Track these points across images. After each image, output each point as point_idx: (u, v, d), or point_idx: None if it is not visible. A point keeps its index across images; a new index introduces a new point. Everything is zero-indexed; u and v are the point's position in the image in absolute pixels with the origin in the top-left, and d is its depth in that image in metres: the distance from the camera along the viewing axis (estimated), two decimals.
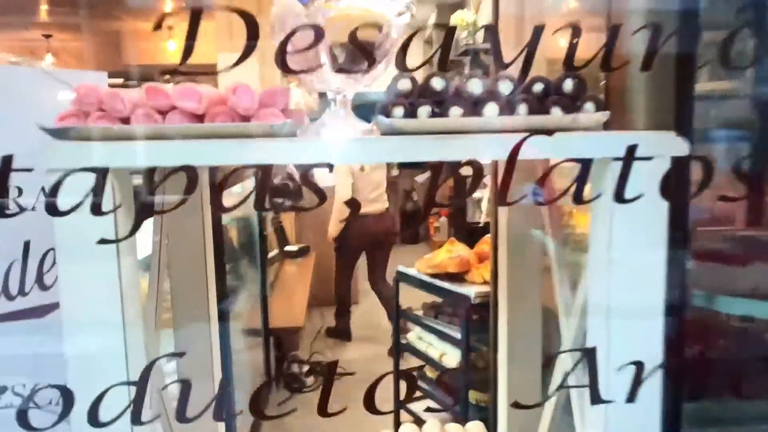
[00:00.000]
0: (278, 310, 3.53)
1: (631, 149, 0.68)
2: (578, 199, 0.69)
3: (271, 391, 3.41)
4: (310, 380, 4.54)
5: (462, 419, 1.83)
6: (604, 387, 0.74)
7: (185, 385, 0.61)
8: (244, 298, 3.38)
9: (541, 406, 1.12)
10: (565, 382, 0.68)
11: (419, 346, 2.40)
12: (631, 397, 0.66)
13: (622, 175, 0.68)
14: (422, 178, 7.78)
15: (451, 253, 2.27)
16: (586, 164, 0.68)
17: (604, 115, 0.84)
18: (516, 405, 0.87)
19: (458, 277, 2.25)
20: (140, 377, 0.61)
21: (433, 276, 2.27)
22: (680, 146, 0.76)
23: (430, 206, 0.79)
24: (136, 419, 0.60)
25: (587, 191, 0.76)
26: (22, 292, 0.95)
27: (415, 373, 2.48)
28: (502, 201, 0.70)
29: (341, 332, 4.84)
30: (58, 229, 0.70)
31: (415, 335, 2.47)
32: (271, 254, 4.42)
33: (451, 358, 2.22)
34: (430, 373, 2.42)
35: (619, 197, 0.69)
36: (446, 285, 2.19)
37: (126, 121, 0.83)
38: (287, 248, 4.61)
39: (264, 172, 0.69)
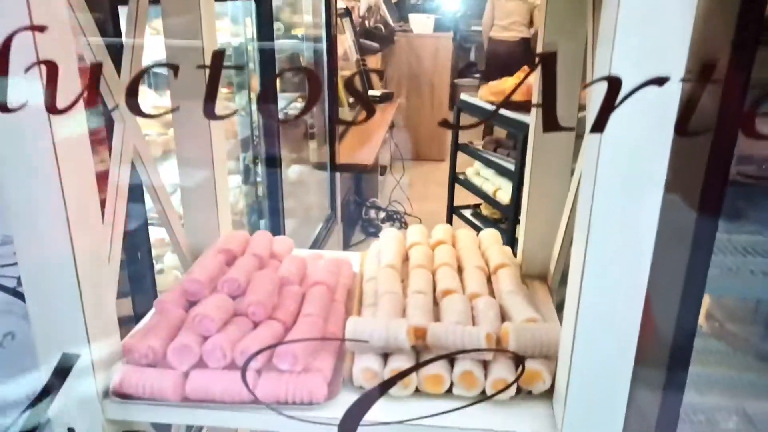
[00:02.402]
0: (350, 148, 3.49)
1: None
2: None
3: (333, 226, 3.47)
4: (386, 226, 4.65)
5: None
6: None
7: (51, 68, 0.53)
8: (313, 134, 3.36)
9: None
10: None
11: (476, 182, 2.26)
12: (597, 125, 0.50)
13: None
14: None
15: (519, 79, 2.03)
16: None
17: None
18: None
19: (526, 107, 2.03)
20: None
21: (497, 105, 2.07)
22: None
23: None
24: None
25: None
26: None
27: (469, 212, 2.38)
28: None
29: None
30: None
31: (473, 171, 2.32)
32: (353, 98, 4.32)
33: (505, 193, 2.07)
34: (486, 211, 2.30)
35: None
36: (505, 112, 1.99)
37: None
38: (370, 93, 4.49)
39: None
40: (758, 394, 1.26)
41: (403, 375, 0.76)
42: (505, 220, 2.20)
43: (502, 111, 2.03)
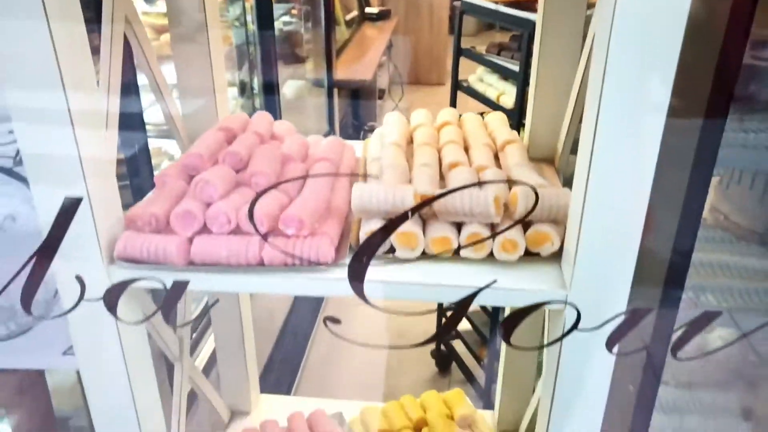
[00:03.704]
0: (348, 66, 3.40)
1: None
2: None
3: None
4: None
5: None
6: None
7: None
8: (310, 53, 3.26)
9: None
10: None
11: (479, 88, 2.21)
12: None
13: None
14: None
15: None
16: None
17: None
18: None
19: (530, 7, 1.95)
20: None
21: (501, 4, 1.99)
22: None
23: None
24: None
25: None
26: None
27: None
28: None
29: None
30: None
31: (476, 77, 2.26)
32: (349, 15, 4.19)
33: (509, 97, 2.03)
34: None
35: None
36: (510, 11, 1.91)
37: None
38: (367, 10, 4.34)
39: None
40: (760, 277, 1.27)
41: (417, 208, 0.75)
42: (510, 126, 2.15)
43: (507, 9, 1.96)
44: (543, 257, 0.82)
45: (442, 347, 2.63)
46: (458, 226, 0.84)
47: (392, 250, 0.82)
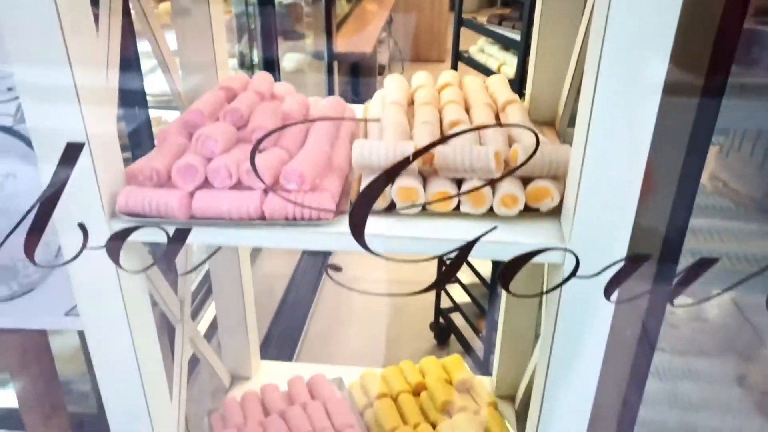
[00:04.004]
0: (348, 39, 3.38)
1: None
2: None
3: None
4: None
5: None
6: None
7: None
8: (310, 26, 3.23)
9: None
10: None
11: (480, 59, 2.19)
12: None
13: None
14: None
15: None
16: None
17: None
18: None
19: None
20: None
21: None
22: None
23: None
24: None
25: None
26: None
27: None
28: None
29: None
30: None
31: (476, 48, 2.25)
32: None
33: (510, 68, 2.02)
34: None
35: None
36: None
37: None
38: None
39: None
40: (758, 243, 1.28)
41: (419, 154, 0.75)
42: None
43: None
44: (542, 213, 0.83)
45: (441, 320, 2.65)
46: (459, 184, 0.84)
47: (393, 206, 0.82)
